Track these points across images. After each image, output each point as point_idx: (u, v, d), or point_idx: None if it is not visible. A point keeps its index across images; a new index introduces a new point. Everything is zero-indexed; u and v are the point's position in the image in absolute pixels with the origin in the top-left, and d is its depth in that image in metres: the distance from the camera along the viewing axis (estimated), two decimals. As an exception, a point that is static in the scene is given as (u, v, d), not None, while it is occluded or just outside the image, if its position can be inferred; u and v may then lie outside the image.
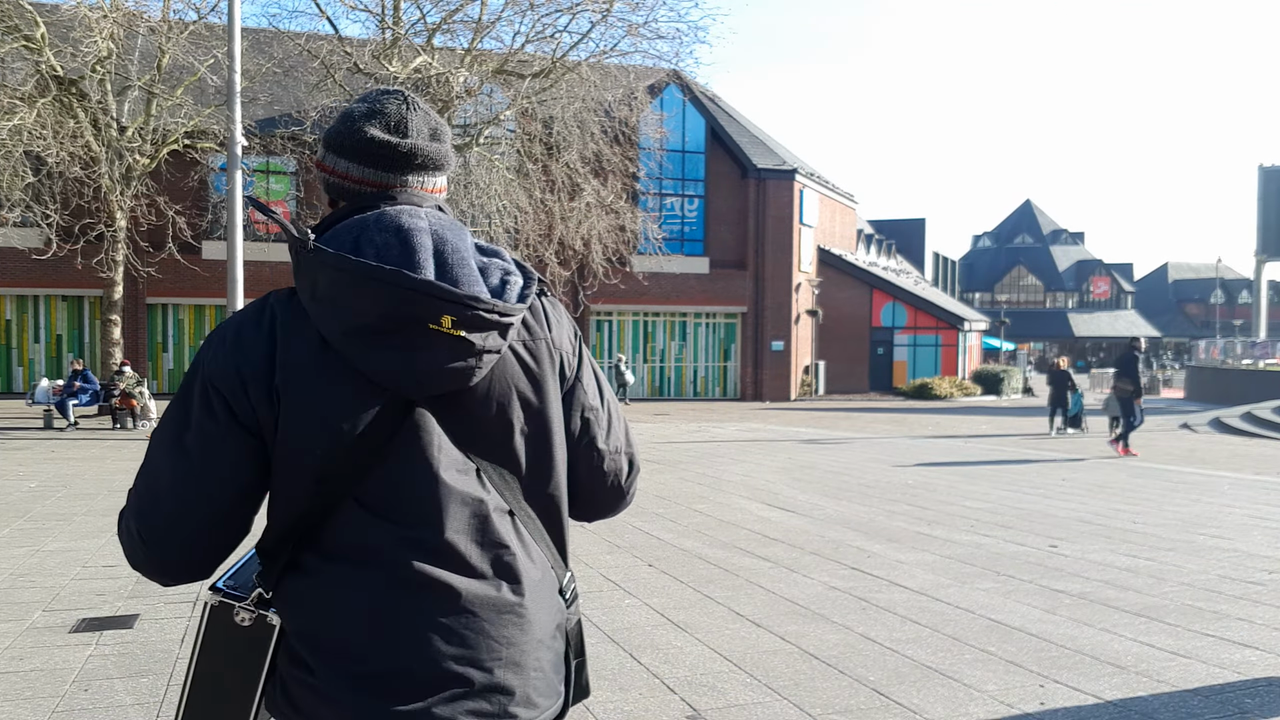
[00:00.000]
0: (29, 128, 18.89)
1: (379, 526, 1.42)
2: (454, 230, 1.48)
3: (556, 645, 1.56)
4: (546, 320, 1.58)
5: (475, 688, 1.43)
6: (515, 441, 1.51)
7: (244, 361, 1.41)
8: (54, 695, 4.18)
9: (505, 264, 1.52)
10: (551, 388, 1.55)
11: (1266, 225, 58.43)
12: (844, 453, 15.05)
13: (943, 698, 4.22)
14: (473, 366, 1.42)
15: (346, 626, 1.41)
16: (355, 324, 1.38)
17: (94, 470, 11.83)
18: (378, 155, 1.50)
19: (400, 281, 1.35)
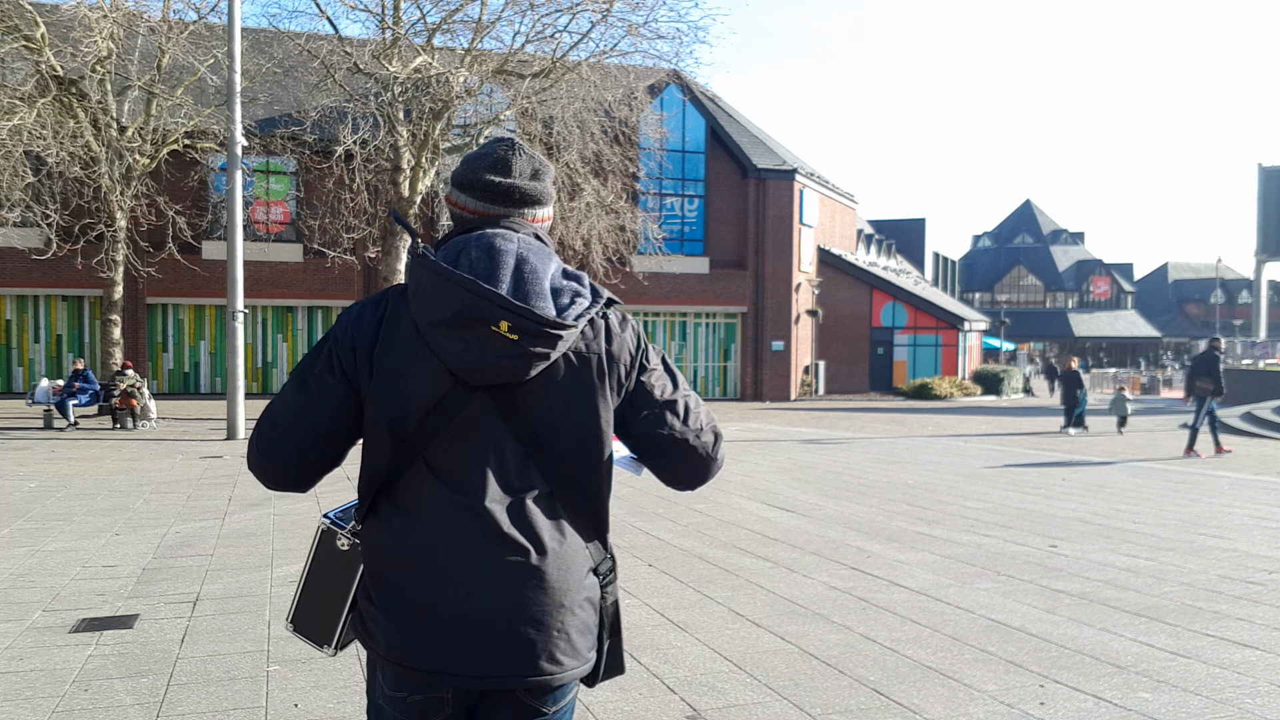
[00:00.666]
0: (29, 128, 18.89)
1: (436, 487, 1.77)
2: (538, 254, 1.81)
3: (583, 614, 1.83)
4: (607, 334, 1.86)
5: (498, 633, 1.74)
6: (561, 433, 1.80)
7: (358, 334, 1.80)
8: (54, 695, 4.18)
9: (580, 288, 1.83)
10: (600, 392, 1.83)
11: (1266, 225, 58.43)
12: (844, 453, 15.05)
13: (943, 698, 4.22)
14: (522, 364, 1.73)
15: (397, 566, 1.77)
16: (437, 317, 1.73)
17: (94, 470, 11.83)
18: (486, 191, 1.86)
19: (472, 288, 1.69)
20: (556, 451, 1.81)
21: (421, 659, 1.75)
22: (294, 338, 29.89)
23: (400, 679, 1.79)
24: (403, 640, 1.76)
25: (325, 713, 4.03)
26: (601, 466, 1.85)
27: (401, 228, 1.68)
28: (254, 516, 8.69)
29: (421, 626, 1.75)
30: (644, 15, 20.79)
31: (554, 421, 1.80)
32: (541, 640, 1.77)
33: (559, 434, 1.81)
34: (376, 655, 1.81)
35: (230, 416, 16.28)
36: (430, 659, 1.75)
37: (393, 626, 1.77)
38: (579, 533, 1.84)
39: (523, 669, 1.77)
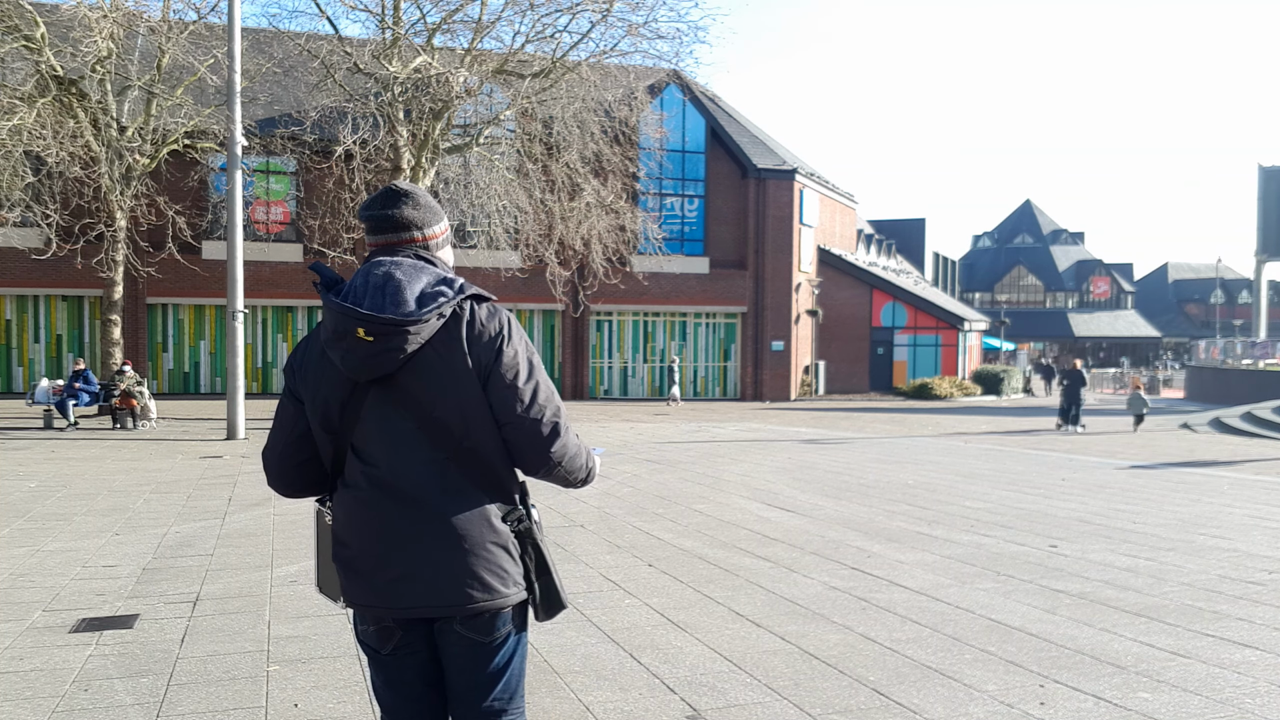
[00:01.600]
0: (29, 128, 18.88)
1: (358, 464, 2.25)
2: (407, 271, 2.22)
3: (494, 554, 2.21)
4: (469, 323, 2.22)
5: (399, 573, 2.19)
6: (440, 408, 2.19)
7: (294, 362, 2.34)
8: (54, 695, 4.18)
9: (446, 290, 2.21)
10: (465, 372, 2.19)
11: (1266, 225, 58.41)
12: (844, 453, 15.05)
13: (943, 698, 4.22)
14: (385, 359, 2.15)
15: (340, 527, 2.28)
16: (326, 334, 2.22)
17: (94, 470, 11.83)
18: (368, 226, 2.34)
19: (336, 308, 2.16)
20: (443, 423, 2.19)
21: (359, 598, 2.25)
22: (294, 338, 29.87)
23: (359, 615, 2.30)
24: (349, 585, 2.27)
25: (325, 713, 4.03)
26: (487, 433, 2.21)
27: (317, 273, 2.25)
28: (254, 516, 8.69)
29: (355, 573, 2.25)
30: (644, 15, 20.79)
31: (431, 400, 2.19)
32: (445, 579, 2.18)
33: (439, 409, 2.19)
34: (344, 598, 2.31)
35: (230, 416, 16.26)
36: (364, 597, 2.24)
37: (343, 574, 2.28)
38: (479, 489, 2.23)
39: (431, 603, 2.19)
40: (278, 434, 2.37)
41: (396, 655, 2.28)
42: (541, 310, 30.81)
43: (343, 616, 5.44)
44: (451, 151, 21.64)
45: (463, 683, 2.28)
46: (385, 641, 2.27)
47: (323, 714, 4.01)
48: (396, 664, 2.29)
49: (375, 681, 2.36)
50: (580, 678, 4.47)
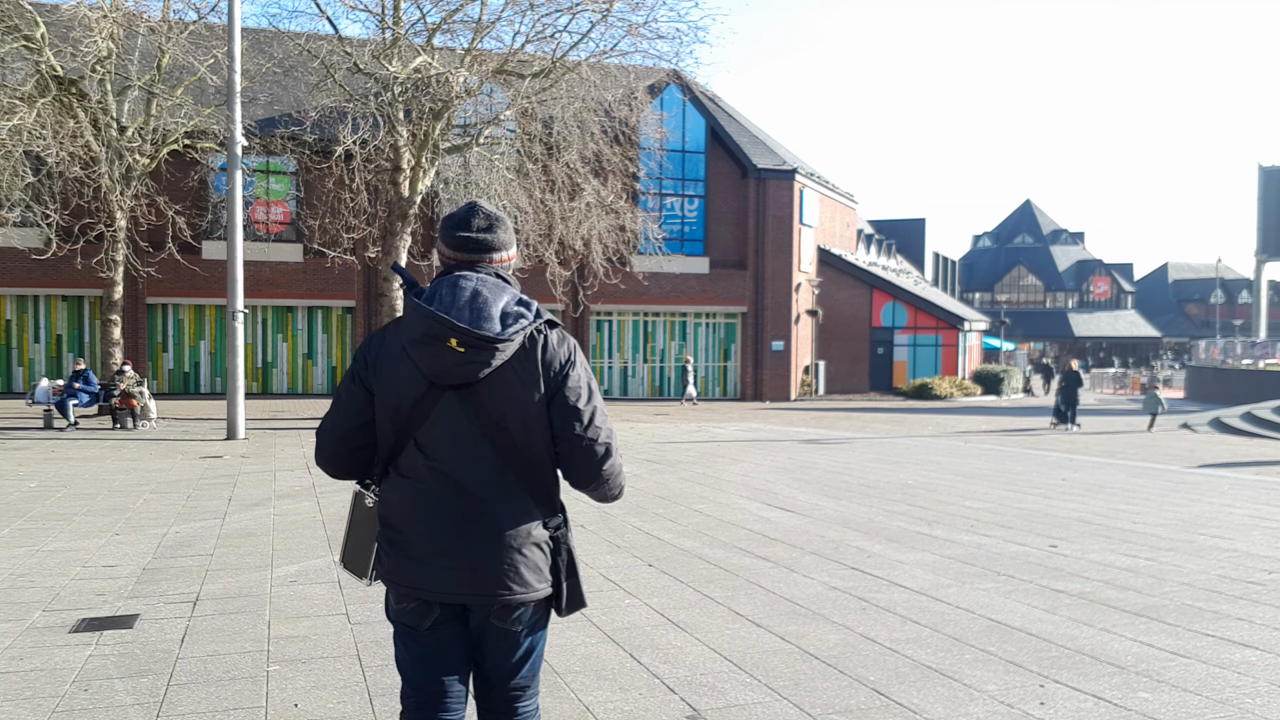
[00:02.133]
0: (29, 128, 18.87)
1: (420, 458, 2.45)
2: (491, 288, 2.44)
3: (534, 554, 2.46)
4: (544, 347, 2.45)
5: (453, 563, 2.42)
6: (507, 419, 2.42)
7: (369, 354, 2.51)
8: (54, 695, 4.18)
9: (525, 312, 2.44)
10: (535, 391, 2.43)
11: (1266, 225, 58.41)
12: (844, 453, 15.05)
13: (943, 698, 4.22)
14: (470, 369, 2.37)
15: (396, 514, 2.48)
16: (412, 337, 2.40)
17: (94, 470, 11.83)
18: (455, 243, 2.52)
19: (431, 316, 2.35)
20: (507, 433, 2.42)
21: (406, 579, 2.45)
22: (294, 338, 29.89)
23: (399, 594, 2.50)
24: (396, 565, 2.47)
25: (325, 713, 4.03)
26: (544, 446, 2.45)
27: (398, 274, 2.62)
28: (254, 516, 8.69)
29: (404, 554, 2.45)
30: (644, 15, 20.76)
31: (501, 411, 2.42)
32: (492, 570, 2.42)
33: (506, 420, 2.42)
34: (382, 575, 2.52)
35: (230, 416, 16.26)
36: (411, 579, 2.45)
37: (392, 555, 2.48)
38: (529, 495, 2.46)
39: (478, 590, 2.42)
40: (339, 418, 2.53)
41: (433, 633, 2.49)
42: (541, 310, 30.77)
43: (342, 616, 5.44)
44: (451, 151, 21.62)
45: (492, 664, 2.53)
46: (424, 619, 2.48)
47: (323, 714, 4.01)
48: (431, 641, 2.50)
49: (403, 657, 2.54)
50: (580, 678, 4.47)
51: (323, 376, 30.12)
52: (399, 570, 2.46)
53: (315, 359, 30.08)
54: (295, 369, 29.91)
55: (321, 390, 29.88)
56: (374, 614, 5.49)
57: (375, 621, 5.34)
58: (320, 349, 30.11)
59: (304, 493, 10.15)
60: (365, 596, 5.86)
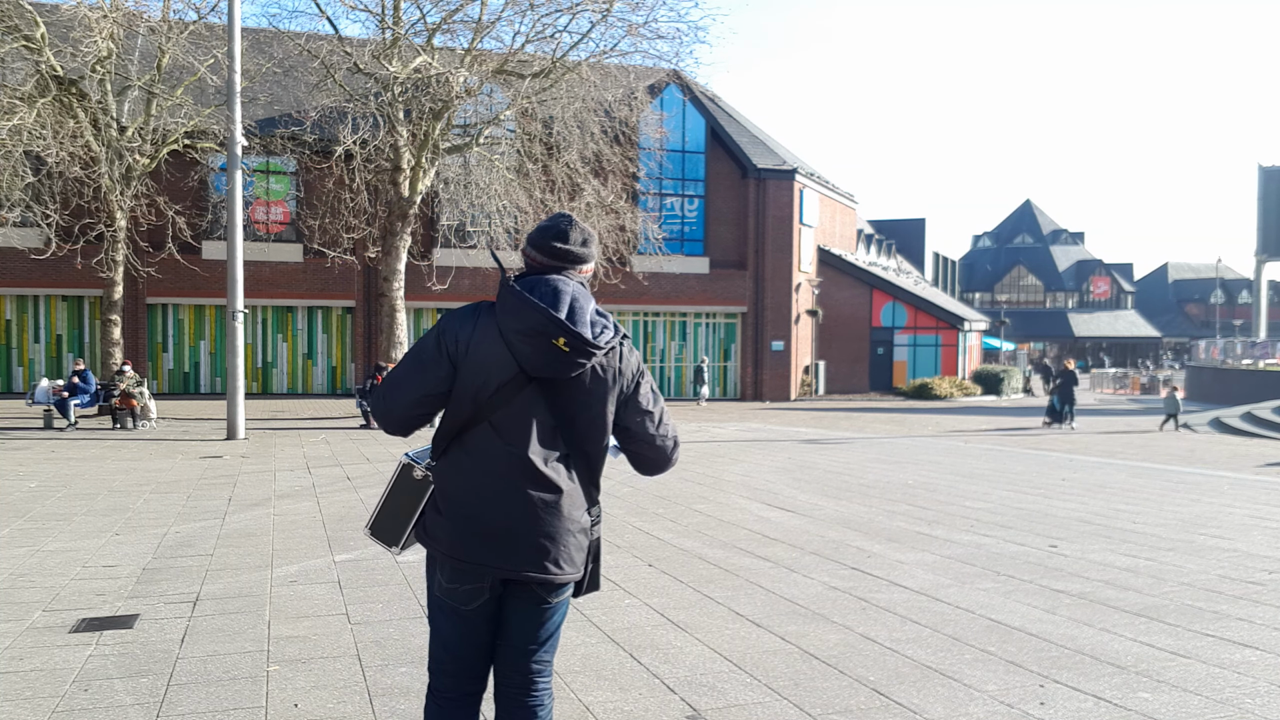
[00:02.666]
0: (29, 128, 18.88)
1: (495, 440, 2.60)
2: (584, 297, 2.65)
3: (580, 539, 2.68)
4: (620, 357, 2.69)
5: (524, 541, 2.59)
6: (581, 416, 2.64)
7: (461, 330, 2.63)
8: (54, 695, 4.18)
9: (607, 323, 2.67)
10: (610, 396, 2.67)
11: (1266, 225, 58.41)
12: (844, 453, 15.05)
13: (943, 698, 4.22)
14: (567, 368, 2.56)
15: (463, 490, 2.62)
16: (517, 328, 2.55)
17: (94, 470, 11.83)
18: (552, 253, 2.70)
19: (544, 313, 2.52)
20: (576, 428, 2.64)
21: (472, 555, 2.59)
22: (294, 338, 29.89)
23: (456, 571, 2.62)
24: (461, 541, 2.60)
25: (325, 713, 4.03)
26: (602, 443, 2.70)
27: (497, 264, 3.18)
28: (254, 516, 8.69)
29: (473, 531, 2.60)
30: (644, 15, 20.79)
31: (578, 409, 2.63)
32: (551, 550, 2.61)
33: (579, 417, 2.64)
34: (438, 553, 2.65)
35: (230, 416, 16.26)
36: (478, 555, 2.59)
37: (455, 532, 2.61)
38: (580, 485, 2.68)
39: (537, 568, 2.60)
40: (415, 383, 2.64)
41: (482, 607, 2.66)
42: (541, 310, 30.76)
43: (342, 616, 5.45)
44: (451, 151, 21.63)
45: (523, 634, 2.71)
46: (477, 596, 2.64)
47: (323, 714, 4.01)
48: (475, 617, 2.67)
49: (446, 630, 2.70)
50: (580, 678, 4.47)
51: (323, 376, 30.12)
52: (463, 547, 2.60)
53: (315, 359, 30.07)
54: (295, 369, 29.91)
55: (321, 390, 29.88)
56: (374, 614, 5.50)
57: (375, 621, 5.34)
58: (320, 349, 30.11)
59: (304, 493, 10.15)
60: (365, 597, 5.86)
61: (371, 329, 28.91)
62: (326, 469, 12.16)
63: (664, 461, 2.80)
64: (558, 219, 2.73)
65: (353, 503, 9.44)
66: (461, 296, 29.16)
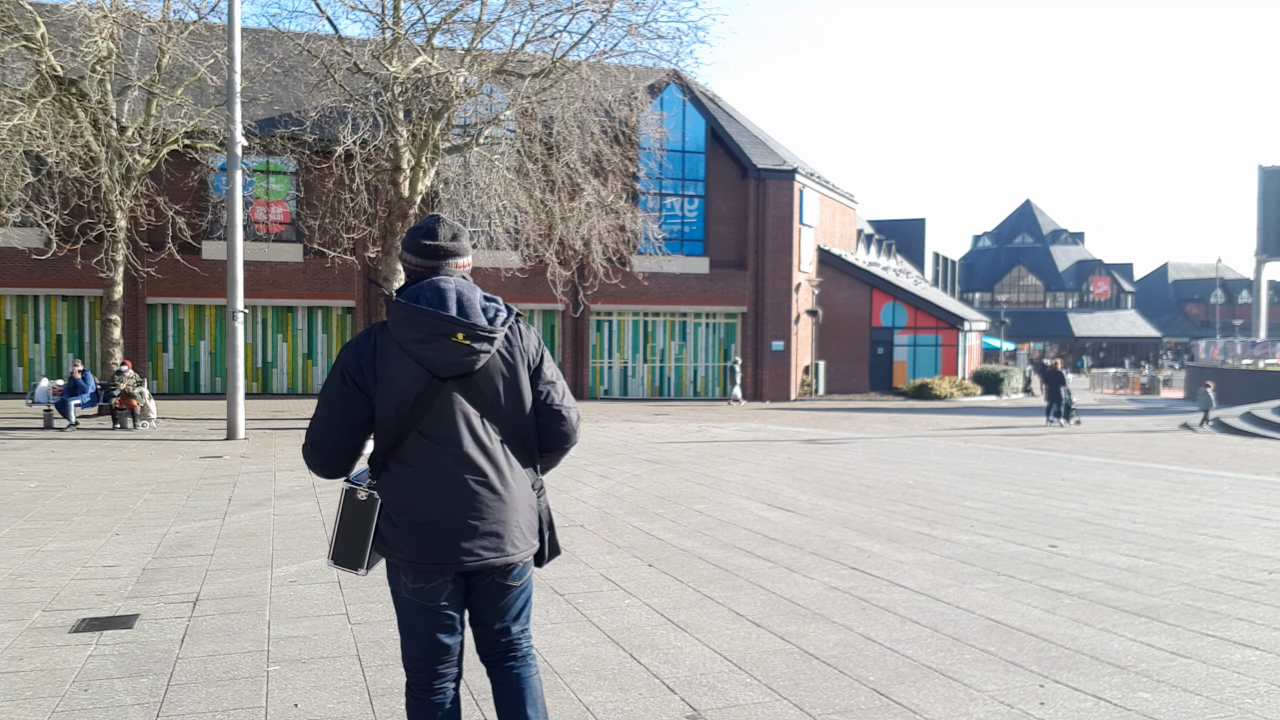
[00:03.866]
0: (29, 128, 18.87)
1: (428, 445, 2.69)
2: (467, 289, 2.75)
3: (530, 516, 2.82)
4: (521, 335, 2.83)
5: (478, 532, 2.70)
6: (500, 401, 2.77)
7: (361, 358, 2.71)
8: (54, 695, 4.18)
9: (499, 306, 2.77)
10: (521, 373, 2.80)
11: (1266, 225, 58.41)
12: (844, 453, 15.05)
13: (943, 698, 4.22)
14: (472, 359, 2.68)
15: (410, 498, 2.70)
16: (413, 337, 2.64)
17: (94, 470, 11.83)
18: (423, 252, 2.80)
19: (434, 316, 2.63)
20: (501, 413, 2.77)
21: (432, 556, 2.68)
22: (294, 338, 29.89)
23: (418, 573, 2.71)
24: (418, 546, 2.68)
25: (325, 713, 4.03)
26: (530, 419, 2.83)
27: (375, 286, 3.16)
28: (254, 516, 8.69)
29: (429, 535, 2.68)
30: (644, 15, 20.75)
31: (496, 394, 2.76)
32: (506, 535, 2.74)
33: (501, 402, 2.76)
34: (400, 560, 2.72)
35: (230, 416, 16.26)
36: (438, 554, 2.68)
37: (411, 539, 2.69)
38: (521, 464, 2.82)
39: (497, 553, 2.72)
40: (341, 423, 2.72)
41: (450, 601, 2.76)
42: (541, 310, 30.80)
43: (342, 616, 5.45)
44: (451, 151, 21.62)
45: (496, 615, 2.84)
46: (441, 593, 2.74)
47: (323, 714, 4.01)
48: (443, 610, 2.77)
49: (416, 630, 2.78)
50: (580, 678, 4.47)
51: (322, 376, 30.10)
52: (423, 551, 2.68)
53: (315, 359, 30.08)
54: (295, 369, 29.91)
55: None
56: (374, 614, 5.50)
57: (375, 621, 5.34)
58: (320, 349, 30.11)
59: (304, 493, 10.15)
60: (365, 596, 5.86)
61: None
62: (326, 469, 12.15)
63: (567, 434, 2.91)
64: (427, 219, 2.84)
65: (353, 503, 9.42)
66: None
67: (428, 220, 2.86)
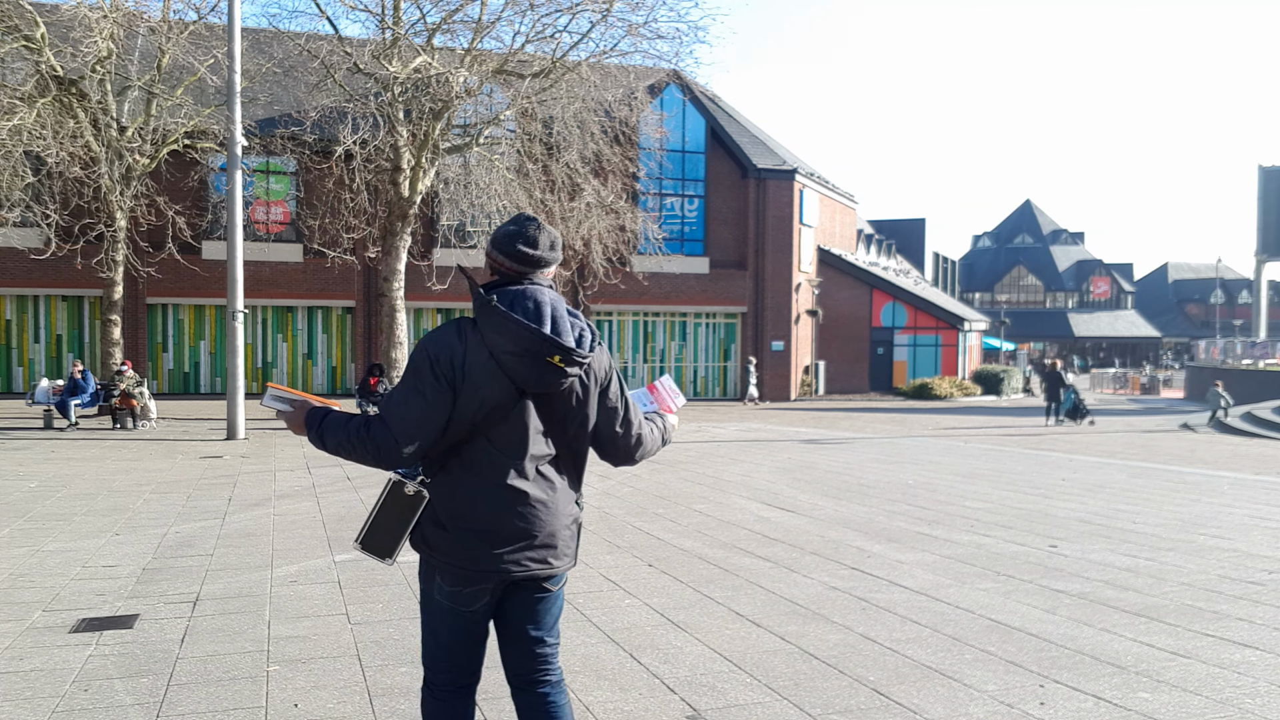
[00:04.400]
0: (29, 128, 18.87)
1: (493, 452, 2.67)
2: (559, 302, 2.72)
3: (572, 529, 2.82)
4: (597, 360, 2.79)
5: (531, 543, 2.70)
6: (568, 419, 2.76)
7: (454, 354, 2.63)
8: (54, 695, 4.18)
9: (584, 324, 2.76)
10: (593, 395, 2.79)
11: (1266, 225, 58.42)
12: (844, 453, 15.05)
13: (943, 698, 4.22)
14: (560, 381, 2.66)
15: (464, 503, 2.67)
16: (508, 349, 2.60)
17: (94, 470, 11.83)
18: (520, 258, 2.72)
19: (538, 334, 2.58)
20: (565, 430, 2.77)
21: (479, 563, 2.66)
22: (294, 338, 29.88)
23: (460, 577, 2.69)
24: (466, 552, 2.66)
25: (325, 713, 4.03)
26: (586, 439, 2.82)
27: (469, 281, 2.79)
28: (254, 516, 8.69)
29: (480, 541, 2.66)
30: (644, 15, 20.77)
31: (567, 412, 2.75)
32: (555, 546, 2.74)
33: (569, 420, 2.76)
34: (443, 563, 2.69)
35: (230, 416, 16.26)
36: (485, 562, 2.66)
37: (460, 542, 2.66)
38: (568, 481, 2.81)
39: (541, 567, 2.72)
40: (432, 415, 2.61)
41: (484, 608, 2.76)
42: (541, 310, 30.75)
43: (342, 616, 5.44)
44: (451, 151, 21.62)
45: (531, 625, 2.81)
46: (479, 600, 2.73)
47: (323, 714, 4.01)
48: (477, 618, 2.76)
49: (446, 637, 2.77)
50: (580, 678, 4.47)
51: (322, 376, 30.11)
52: (471, 557, 2.66)
53: (315, 359, 30.07)
54: (295, 369, 29.90)
55: (322, 390, 29.87)
56: (374, 614, 5.50)
57: (375, 621, 5.34)
58: (320, 349, 30.11)
59: (304, 493, 10.15)
60: (365, 597, 5.86)
61: (371, 329, 28.92)
62: (326, 469, 12.16)
63: (634, 453, 2.92)
64: (524, 223, 2.74)
65: (353, 503, 9.44)
66: (461, 297, 29.16)
67: (525, 225, 2.75)
